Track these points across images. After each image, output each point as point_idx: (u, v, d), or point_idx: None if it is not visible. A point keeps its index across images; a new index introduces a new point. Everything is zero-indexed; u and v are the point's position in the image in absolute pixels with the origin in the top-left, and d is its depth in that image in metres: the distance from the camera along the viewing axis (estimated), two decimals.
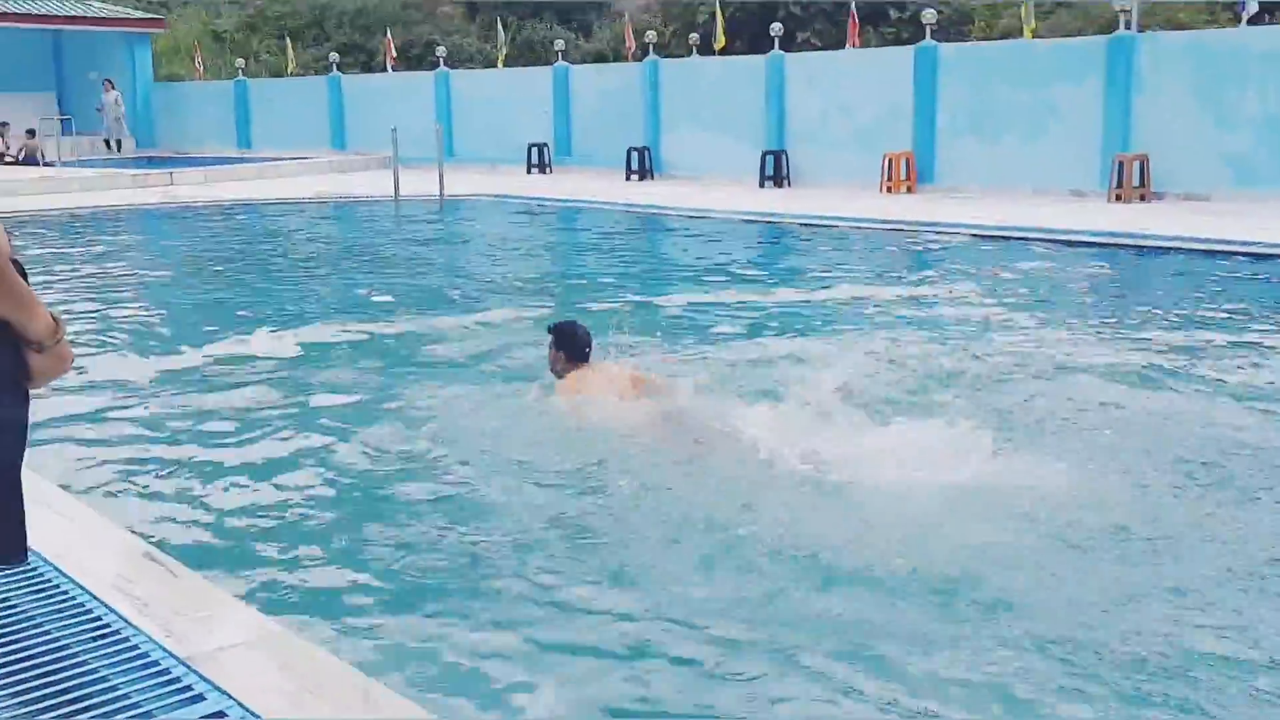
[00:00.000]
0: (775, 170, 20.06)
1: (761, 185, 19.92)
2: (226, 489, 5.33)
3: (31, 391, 2.12)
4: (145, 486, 5.36)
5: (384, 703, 2.92)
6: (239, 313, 9.76)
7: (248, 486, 5.35)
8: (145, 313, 9.93)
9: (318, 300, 10.43)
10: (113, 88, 29.45)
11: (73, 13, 30.53)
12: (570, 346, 6.09)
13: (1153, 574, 4.18)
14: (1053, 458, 5.29)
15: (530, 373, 6.62)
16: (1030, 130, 17.55)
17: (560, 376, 6.09)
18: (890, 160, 18.46)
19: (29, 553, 3.81)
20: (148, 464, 5.68)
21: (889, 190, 18.35)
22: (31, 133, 26.88)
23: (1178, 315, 9.10)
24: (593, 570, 4.28)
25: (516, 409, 6.13)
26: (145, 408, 6.70)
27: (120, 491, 5.27)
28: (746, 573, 4.21)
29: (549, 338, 6.20)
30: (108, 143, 29.52)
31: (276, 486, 5.33)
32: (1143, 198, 16.04)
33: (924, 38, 19.14)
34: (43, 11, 29.83)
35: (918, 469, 4.98)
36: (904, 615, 3.86)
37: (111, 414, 6.52)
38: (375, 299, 10.43)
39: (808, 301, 9.96)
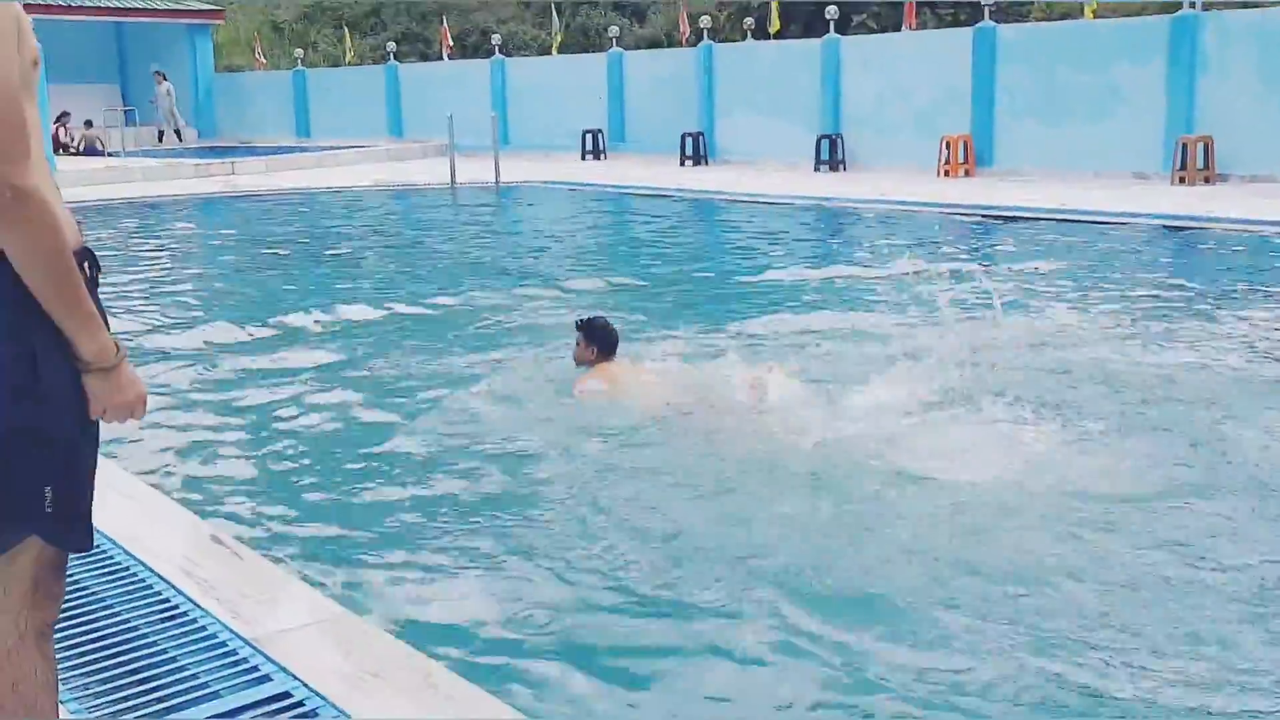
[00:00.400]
0: (831, 154, 19.94)
1: (817, 169, 19.81)
2: (287, 471, 5.42)
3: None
4: (209, 469, 5.46)
5: (445, 685, 2.97)
6: (297, 297, 9.89)
7: (309, 468, 5.44)
8: (205, 298, 10.09)
9: (374, 285, 10.53)
10: (164, 79, 29.76)
11: (135, 5, 31.01)
12: (602, 341, 6.29)
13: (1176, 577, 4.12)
14: (1091, 448, 5.26)
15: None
16: (1092, 112, 17.28)
17: (588, 367, 6.27)
18: (948, 143, 18.27)
19: (99, 535, 3.92)
20: (211, 446, 5.78)
21: (947, 174, 18.17)
22: (89, 123, 27.23)
23: (1233, 298, 8.93)
24: (658, 559, 4.31)
25: (557, 399, 6.24)
26: (208, 391, 6.82)
27: (185, 475, 5.38)
28: (756, 557, 4.25)
29: (577, 333, 6.36)
30: (161, 134, 29.68)
31: (338, 469, 5.41)
32: (1207, 180, 15.75)
33: (982, 19, 18.90)
34: (106, 4, 30.32)
35: (939, 460, 5.00)
36: (906, 607, 3.85)
37: (175, 397, 6.65)
38: (428, 283, 10.52)
39: (855, 284, 9.90)
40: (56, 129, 26.68)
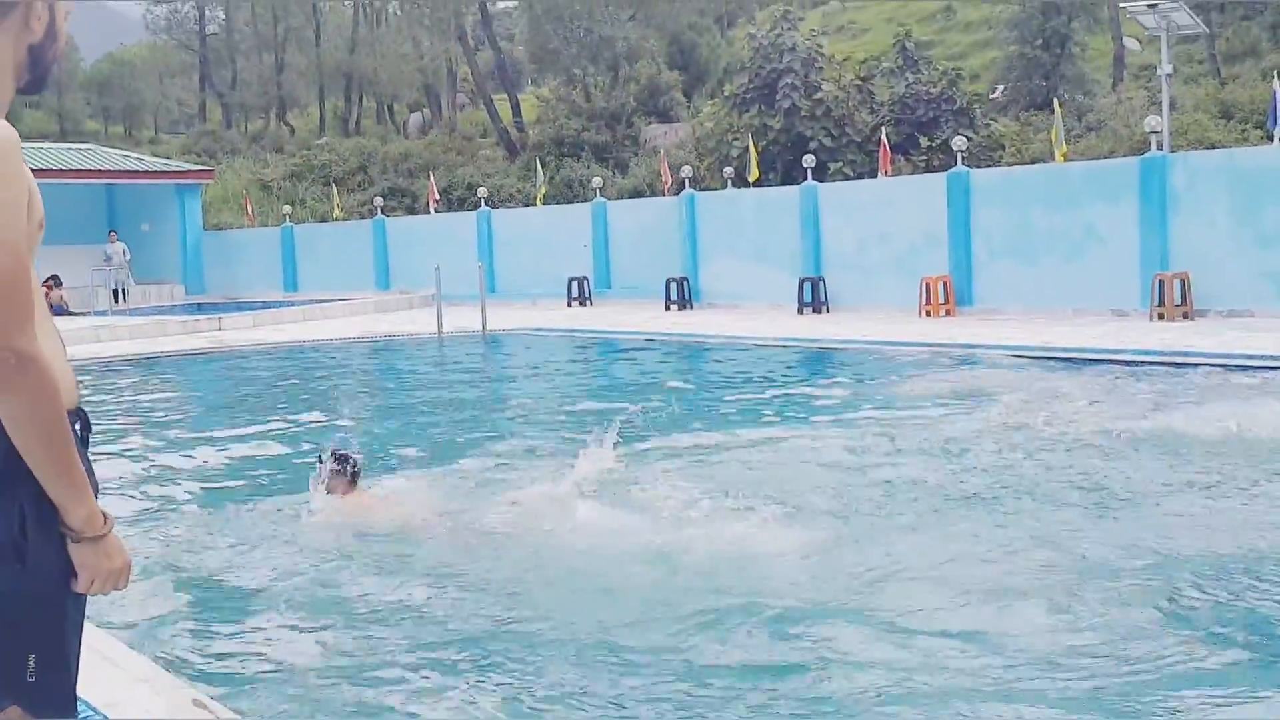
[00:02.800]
0: (813, 296, 20.21)
1: (800, 311, 20.05)
2: (266, 630, 5.30)
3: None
4: (187, 629, 5.35)
5: None
6: (280, 452, 9.81)
7: (288, 626, 5.33)
8: (187, 456, 10.00)
9: (363, 436, 10.49)
10: (117, 238, 29.87)
11: (127, 167, 31.64)
12: (351, 473, 7.09)
13: None
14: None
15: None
16: (1068, 252, 17.62)
17: (336, 493, 7.02)
18: (928, 284, 18.55)
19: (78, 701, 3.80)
20: (189, 606, 5.68)
21: (928, 314, 18.40)
22: (59, 282, 26.75)
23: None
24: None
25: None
26: (183, 548, 6.72)
27: (164, 636, 5.26)
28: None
29: (329, 462, 7.07)
30: (115, 294, 28.76)
31: (316, 621, 5.30)
32: (1185, 315, 15.97)
33: (955, 164, 19.41)
34: (98, 166, 30.92)
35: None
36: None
37: (156, 554, 6.54)
38: (407, 434, 10.49)
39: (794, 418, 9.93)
40: (47, 293, 26.55)
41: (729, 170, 24.18)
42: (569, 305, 23.91)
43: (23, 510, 1.91)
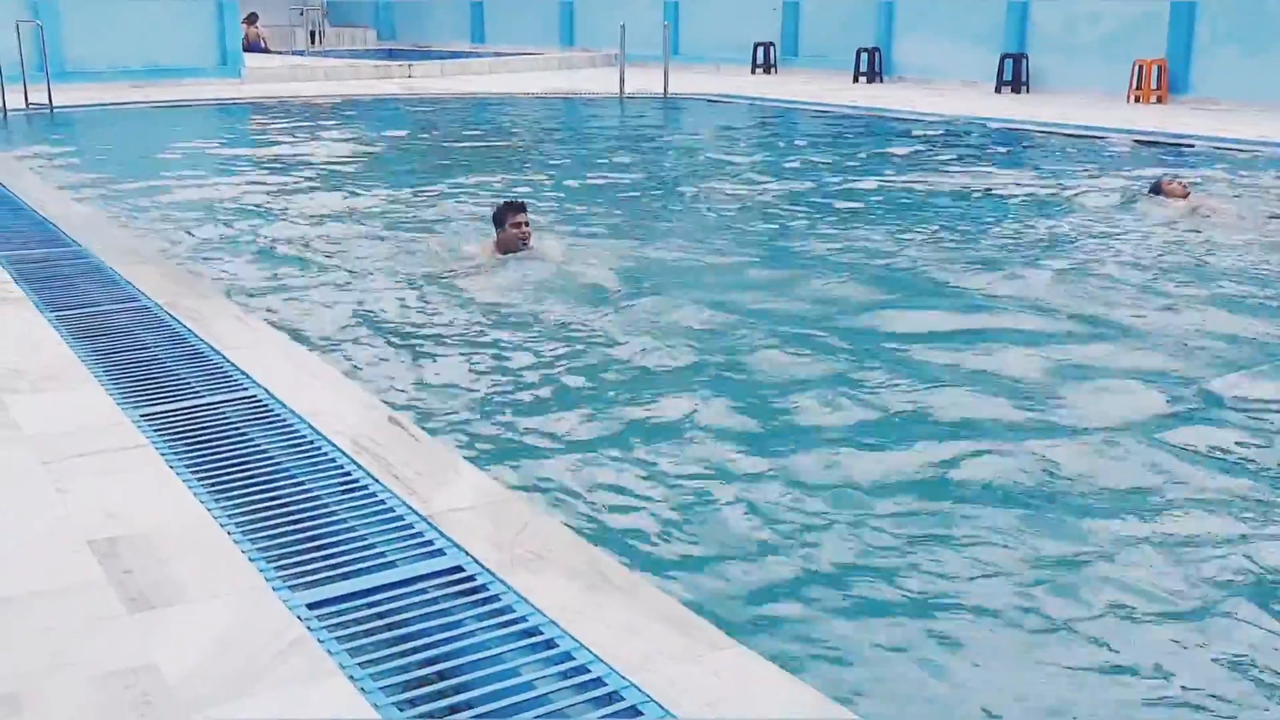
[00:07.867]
0: (1014, 75, 19.15)
1: (998, 90, 19.07)
2: (456, 363, 5.59)
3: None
4: (388, 358, 5.67)
5: (609, 570, 3.03)
6: (472, 203, 10.05)
7: (474, 361, 5.60)
8: (383, 199, 10.33)
9: (536, 193, 10.65)
10: None
11: None
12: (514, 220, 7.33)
13: None
14: None
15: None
16: None
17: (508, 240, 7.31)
18: (1141, 67, 17.35)
19: (289, 413, 4.11)
20: (387, 337, 6.00)
21: (1137, 100, 17.28)
22: (254, 17, 26.58)
23: None
24: None
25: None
26: (385, 288, 7.04)
27: (366, 360, 5.60)
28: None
29: (519, 215, 7.28)
30: (311, 35, 28.87)
31: (504, 365, 5.55)
32: None
33: None
34: None
35: None
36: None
37: (354, 292, 6.89)
38: (588, 192, 10.59)
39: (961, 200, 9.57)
40: (246, 29, 26.84)
41: None
42: (753, 72, 23.25)
43: None
